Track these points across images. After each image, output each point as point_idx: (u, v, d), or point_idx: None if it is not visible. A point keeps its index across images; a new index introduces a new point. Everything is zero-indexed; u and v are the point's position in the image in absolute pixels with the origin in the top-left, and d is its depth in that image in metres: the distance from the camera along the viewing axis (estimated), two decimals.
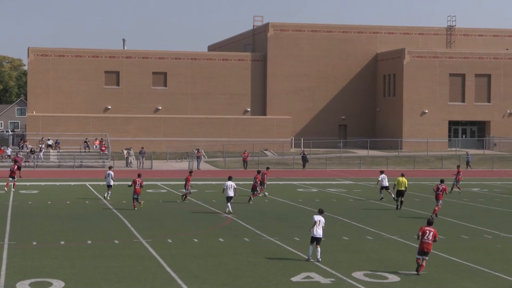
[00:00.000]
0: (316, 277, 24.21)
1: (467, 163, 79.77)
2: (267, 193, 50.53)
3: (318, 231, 26.80)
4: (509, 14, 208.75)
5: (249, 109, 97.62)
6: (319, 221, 26.90)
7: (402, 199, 43.50)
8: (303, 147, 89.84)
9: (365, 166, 79.66)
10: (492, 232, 34.26)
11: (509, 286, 23.66)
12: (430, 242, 25.00)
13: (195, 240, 31.21)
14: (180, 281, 23.50)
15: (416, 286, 23.30)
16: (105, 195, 47.07)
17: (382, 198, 48.36)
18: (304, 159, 79.66)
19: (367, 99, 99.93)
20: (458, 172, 55.26)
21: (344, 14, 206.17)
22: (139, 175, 42.81)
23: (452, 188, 54.63)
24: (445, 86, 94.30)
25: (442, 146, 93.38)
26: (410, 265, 26.19)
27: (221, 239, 31.47)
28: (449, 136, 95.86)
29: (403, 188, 43.36)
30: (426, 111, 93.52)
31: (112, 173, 47.41)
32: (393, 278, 24.31)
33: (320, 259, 26.58)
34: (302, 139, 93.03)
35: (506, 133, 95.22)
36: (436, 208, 39.83)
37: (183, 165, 79.18)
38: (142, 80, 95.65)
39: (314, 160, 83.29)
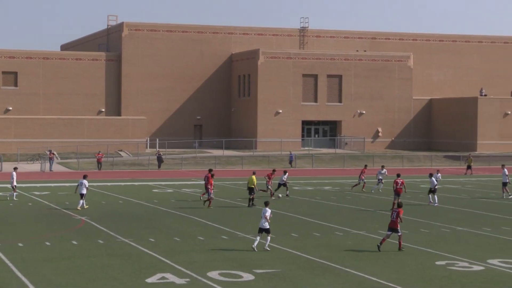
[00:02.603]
0: (171, 277, 24.21)
1: (290, 163, 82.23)
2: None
3: (262, 222, 29.31)
4: (359, 16, 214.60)
5: (103, 110, 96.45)
6: (263, 213, 29.33)
7: (254, 196, 44.98)
8: (159, 148, 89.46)
9: (220, 166, 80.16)
10: (343, 229, 35.14)
11: (358, 281, 24.32)
12: (395, 220, 29.22)
13: (48, 243, 30.59)
14: (31, 286, 22.99)
15: (270, 284, 23.64)
16: (12, 197, 47.65)
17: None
18: (160, 160, 79.45)
19: (222, 100, 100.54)
20: (363, 171, 55.56)
21: (199, 14, 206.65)
22: None
23: (363, 186, 54.76)
24: (298, 86, 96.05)
25: (296, 146, 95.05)
26: (264, 263, 26.55)
27: (74, 242, 30.97)
28: (302, 136, 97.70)
29: (251, 186, 45.20)
30: (280, 111, 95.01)
31: (15, 175, 48.16)
32: (247, 276, 24.57)
33: (267, 249, 29.04)
34: (158, 139, 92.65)
35: (356, 133, 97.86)
36: (395, 202, 42.77)
37: (35, 167, 77.48)
38: None
39: (169, 160, 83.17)
